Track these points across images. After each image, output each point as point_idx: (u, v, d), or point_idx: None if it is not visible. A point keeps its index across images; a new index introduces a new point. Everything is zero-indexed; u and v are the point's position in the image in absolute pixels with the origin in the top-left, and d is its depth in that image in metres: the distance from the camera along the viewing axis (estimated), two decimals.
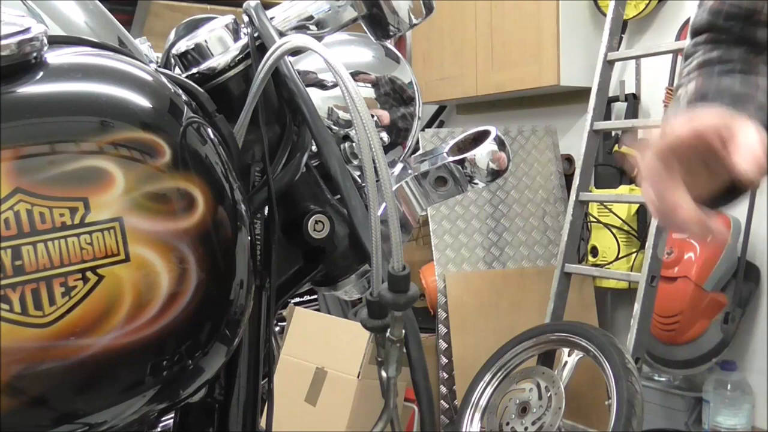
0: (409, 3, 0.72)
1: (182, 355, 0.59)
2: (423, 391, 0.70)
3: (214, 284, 0.60)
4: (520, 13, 3.16)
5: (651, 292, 2.48)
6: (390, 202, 0.65)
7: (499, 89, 3.30)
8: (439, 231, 3.05)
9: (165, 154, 0.58)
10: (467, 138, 0.86)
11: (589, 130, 2.80)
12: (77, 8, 0.79)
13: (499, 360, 2.65)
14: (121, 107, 0.59)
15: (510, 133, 3.16)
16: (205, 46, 0.73)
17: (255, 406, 0.74)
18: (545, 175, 3.19)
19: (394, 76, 0.86)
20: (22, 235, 0.52)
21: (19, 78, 0.57)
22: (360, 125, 0.64)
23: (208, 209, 0.59)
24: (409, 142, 0.89)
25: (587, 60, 3.00)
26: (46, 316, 0.53)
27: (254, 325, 0.73)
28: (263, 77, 0.70)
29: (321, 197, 0.78)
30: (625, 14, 2.88)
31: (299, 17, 0.75)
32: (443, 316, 2.97)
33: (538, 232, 3.16)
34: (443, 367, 2.95)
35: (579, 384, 2.65)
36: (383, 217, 0.66)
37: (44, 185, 0.53)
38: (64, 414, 0.56)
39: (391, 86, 0.85)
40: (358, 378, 2.51)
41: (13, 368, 0.52)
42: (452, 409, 2.92)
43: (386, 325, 0.69)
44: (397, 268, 0.64)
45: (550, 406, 2.45)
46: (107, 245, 0.54)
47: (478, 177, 0.83)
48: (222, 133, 0.67)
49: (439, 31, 3.52)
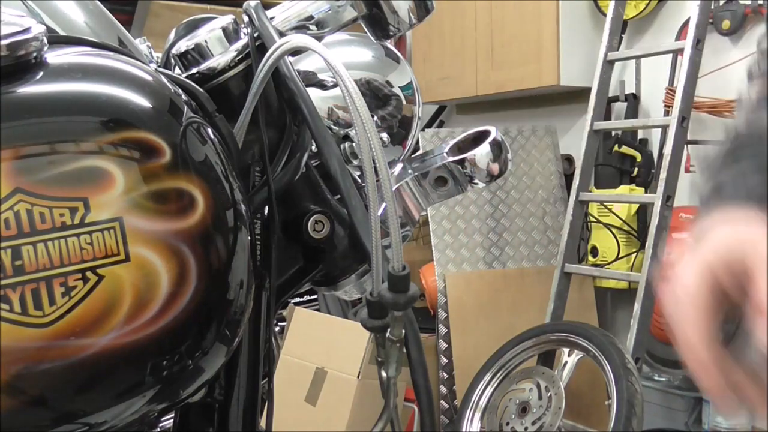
0: (409, 3, 0.72)
1: (182, 355, 0.59)
2: (423, 391, 0.70)
3: (214, 284, 0.60)
4: (520, 13, 3.16)
5: (651, 292, 2.48)
6: (390, 202, 0.65)
7: (499, 89, 3.30)
8: (439, 231, 3.05)
9: (165, 154, 0.58)
10: (467, 138, 0.86)
11: (589, 130, 2.81)
12: (77, 8, 0.79)
13: (499, 360, 2.65)
14: (121, 107, 0.59)
15: (510, 133, 3.16)
16: (205, 46, 0.73)
17: (255, 406, 0.74)
18: (545, 175, 3.19)
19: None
20: (22, 235, 0.52)
21: (19, 78, 0.57)
22: (360, 125, 0.64)
23: (208, 209, 0.59)
24: (409, 142, 0.89)
25: (587, 60, 3.00)
26: (46, 316, 0.53)
27: (254, 325, 0.73)
28: (263, 77, 0.70)
29: (321, 197, 0.78)
30: (625, 14, 2.88)
31: (299, 17, 0.75)
32: (443, 316, 2.97)
33: (538, 232, 3.16)
34: (443, 367, 2.95)
35: (579, 384, 2.65)
36: (383, 217, 0.66)
37: (44, 185, 0.53)
38: (64, 414, 0.56)
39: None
40: (358, 378, 2.51)
41: (13, 368, 0.52)
42: (452, 409, 2.92)
43: (386, 325, 0.69)
44: (397, 268, 0.64)
45: (550, 406, 2.45)
46: (107, 245, 0.54)
47: (478, 177, 0.83)
48: (222, 133, 0.67)
49: (439, 31, 3.52)
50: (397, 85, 0.87)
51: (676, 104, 2.54)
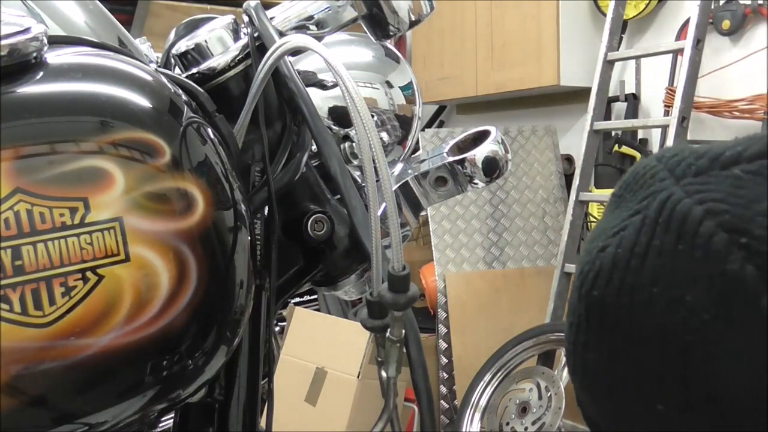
0: (409, 3, 0.72)
1: (182, 355, 0.59)
2: (423, 391, 0.70)
3: (214, 284, 0.60)
4: (520, 13, 3.16)
5: None
6: (390, 202, 0.65)
7: (499, 89, 3.30)
8: (439, 231, 3.05)
9: (165, 154, 0.58)
10: (467, 138, 0.85)
11: (589, 130, 2.81)
12: (77, 8, 0.79)
13: (499, 360, 2.65)
14: (121, 107, 0.59)
15: (510, 133, 3.17)
16: (205, 46, 0.73)
17: (255, 406, 0.74)
18: (545, 175, 3.19)
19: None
20: (22, 235, 0.52)
21: (19, 78, 0.57)
22: (360, 125, 0.64)
23: (208, 209, 0.59)
24: (409, 142, 0.89)
25: (587, 60, 3.00)
26: (46, 316, 0.53)
27: (254, 325, 0.73)
28: (263, 77, 0.70)
29: (321, 197, 0.78)
30: (625, 14, 2.88)
31: (299, 17, 0.75)
32: (443, 316, 2.97)
33: (538, 232, 3.16)
34: (443, 367, 2.95)
35: None
36: (383, 217, 0.66)
37: (44, 185, 0.53)
38: (64, 414, 0.56)
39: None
40: (358, 378, 2.51)
41: (13, 368, 0.52)
42: (452, 409, 2.92)
43: (386, 325, 0.69)
44: (397, 268, 0.64)
45: (550, 406, 2.45)
46: (107, 245, 0.54)
47: (478, 177, 0.83)
48: (222, 133, 0.67)
49: (439, 31, 3.52)
50: (397, 85, 0.87)
51: (676, 104, 2.54)
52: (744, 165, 0.44)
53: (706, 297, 0.41)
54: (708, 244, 0.41)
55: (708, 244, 0.41)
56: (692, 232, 0.42)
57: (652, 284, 0.43)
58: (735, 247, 0.41)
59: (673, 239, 0.43)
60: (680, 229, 0.43)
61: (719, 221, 0.42)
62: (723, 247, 0.41)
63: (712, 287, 0.41)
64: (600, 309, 0.46)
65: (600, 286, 0.46)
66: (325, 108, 0.82)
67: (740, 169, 0.44)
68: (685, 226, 0.43)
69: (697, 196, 0.43)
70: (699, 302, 0.41)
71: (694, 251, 0.42)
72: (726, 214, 0.42)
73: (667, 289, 0.43)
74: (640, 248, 0.44)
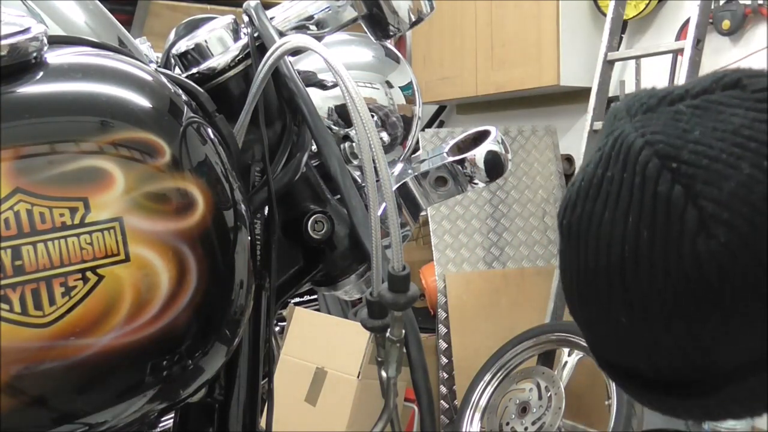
0: (409, 3, 0.72)
1: (182, 355, 0.59)
2: (423, 391, 0.70)
3: (214, 284, 0.60)
4: (520, 13, 3.16)
5: None
6: (390, 202, 0.65)
7: (499, 89, 3.30)
8: (439, 231, 3.05)
9: (165, 154, 0.58)
10: (467, 138, 0.85)
11: (589, 130, 2.81)
12: (77, 8, 0.79)
13: (499, 360, 2.65)
14: (121, 107, 0.59)
15: (510, 133, 3.16)
16: (205, 46, 0.73)
17: (255, 406, 0.74)
18: (545, 175, 3.19)
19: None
20: (22, 235, 0.52)
21: (19, 78, 0.57)
22: (360, 125, 0.64)
23: (208, 209, 0.59)
24: (409, 142, 0.89)
25: (587, 60, 3.00)
26: (46, 316, 0.53)
27: (254, 325, 0.73)
28: (263, 77, 0.70)
29: (321, 197, 0.78)
30: (625, 14, 2.88)
31: (299, 17, 0.75)
32: (443, 316, 2.97)
33: (538, 232, 3.16)
34: (443, 367, 2.95)
35: (579, 384, 2.64)
36: (383, 217, 0.66)
37: (44, 185, 0.53)
38: (64, 414, 0.56)
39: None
40: (358, 378, 2.51)
41: (13, 368, 0.52)
42: (452, 409, 2.92)
43: (386, 325, 0.69)
44: (397, 268, 0.64)
45: (550, 406, 2.45)
46: (107, 245, 0.54)
47: (478, 177, 0.83)
48: (222, 133, 0.67)
49: (439, 31, 3.52)
50: (397, 85, 0.87)
51: None
52: (689, 101, 0.51)
53: (643, 216, 0.49)
54: (644, 171, 0.49)
55: (644, 170, 0.49)
56: (633, 161, 0.50)
57: (604, 209, 0.51)
58: (666, 171, 0.48)
59: (620, 169, 0.51)
60: (625, 159, 0.50)
61: (655, 150, 0.49)
62: (655, 171, 0.48)
63: (647, 207, 0.49)
64: (568, 234, 0.55)
65: (568, 215, 0.55)
66: (325, 108, 0.82)
67: (684, 104, 0.51)
68: (628, 157, 0.50)
69: (641, 130, 0.51)
70: (637, 221, 0.49)
71: (634, 177, 0.50)
72: (660, 143, 0.49)
73: (614, 211, 0.51)
74: (597, 179, 0.52)
